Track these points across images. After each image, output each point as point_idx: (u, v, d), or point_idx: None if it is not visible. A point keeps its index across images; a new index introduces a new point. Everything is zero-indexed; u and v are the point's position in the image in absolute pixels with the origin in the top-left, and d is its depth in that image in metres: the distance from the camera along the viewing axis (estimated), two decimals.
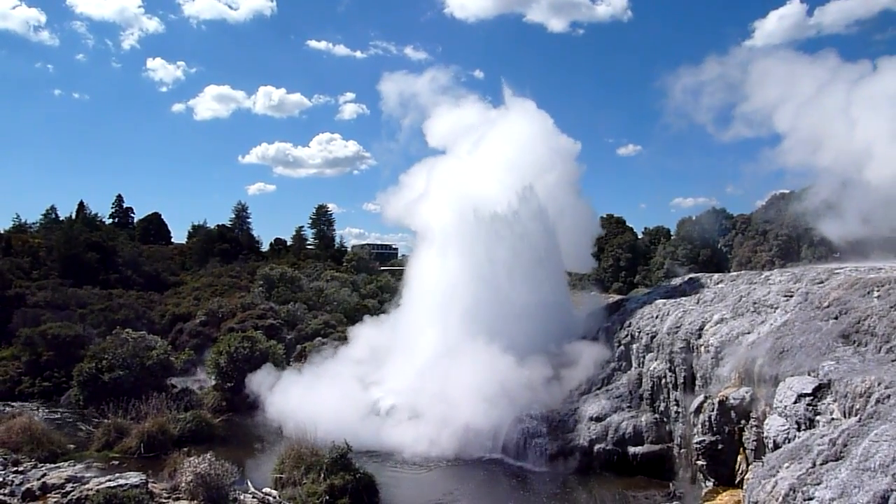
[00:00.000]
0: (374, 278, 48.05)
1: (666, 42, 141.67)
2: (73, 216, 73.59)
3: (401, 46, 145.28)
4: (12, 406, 24.66)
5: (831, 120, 19.37)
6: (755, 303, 15.70)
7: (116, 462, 17.33)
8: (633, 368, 18.62)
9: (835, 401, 10.01)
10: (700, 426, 13.54)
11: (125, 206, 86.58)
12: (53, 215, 74.65)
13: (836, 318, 12.43)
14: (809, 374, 10.96)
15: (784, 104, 20.99)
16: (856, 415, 9.19)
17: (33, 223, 71.98)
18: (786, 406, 10.71)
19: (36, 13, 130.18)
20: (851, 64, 21.02)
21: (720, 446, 13.10)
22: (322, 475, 14.31)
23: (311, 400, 20.33)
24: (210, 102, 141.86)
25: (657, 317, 18.32)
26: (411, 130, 30.03)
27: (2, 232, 58.24)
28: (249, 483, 14.78)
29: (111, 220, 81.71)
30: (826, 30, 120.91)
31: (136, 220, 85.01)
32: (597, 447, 17.34)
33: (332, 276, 48.01)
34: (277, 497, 14.26)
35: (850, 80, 19.85)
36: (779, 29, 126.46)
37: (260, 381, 23.17)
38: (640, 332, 18.54)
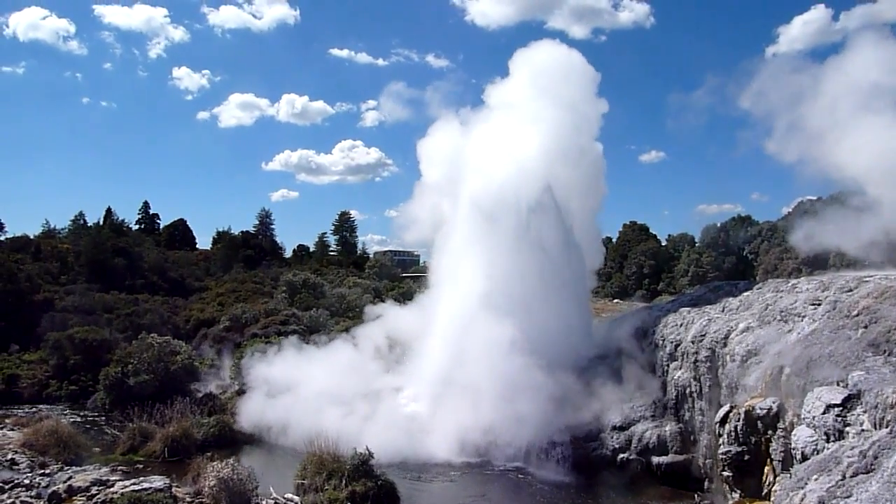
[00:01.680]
0: (397, 285, 48.11)
1: (689, 48, 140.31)
2: (101, 222, 74.73)
3: (422, 54, 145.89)
4: (40, 409, 25.06)
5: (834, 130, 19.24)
6: (782, 311, 15.44)
7: (141, 466, 17.52)
8: (657, 377, 18.41)
9: (865, 412, 9.81)
10: (726, 436, 13.33)
11: (151, 212, 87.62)
12: (82, 221, 75.81)
13: (866, 327, 12.18)
14: (839, 385, 10.76)
15: (797, 114, 20.76)
16: (887, 426, 8.99)
17: (62, 229, 73.11)
18: (814, 417, 10.52)
19: (66, 24, 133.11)
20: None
21: (746, 457, 12.88)
22: (344, 482, 14.33)
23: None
24: (234, 110, 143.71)
25: (681, 325, 18.10)
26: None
27: (31, 237, 59.30)
28: (272, 488, 14.83)
29: (138, 226, 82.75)
30: (852, 34, 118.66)
31: (161, 226, 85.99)
32: (620, 457, 17.16)
33: (355, 282, 48.17)
34: (299, 503, 14.30)
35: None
36: (803, 34, 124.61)
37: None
38: (664, 341, 18.33)
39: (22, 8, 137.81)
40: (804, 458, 10.30)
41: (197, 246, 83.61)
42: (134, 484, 13.38)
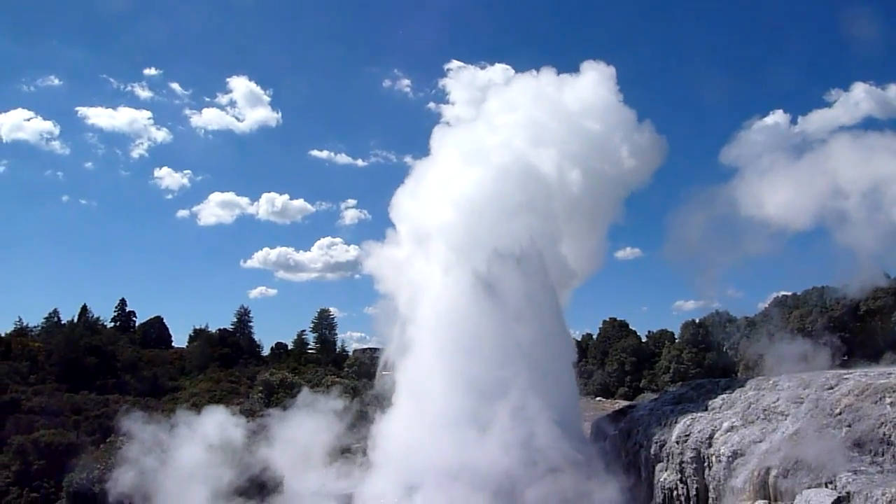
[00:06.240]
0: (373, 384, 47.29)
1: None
2: (76, 320, 73.41)
3: (401, 155, 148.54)
4: None
5: None
6: (765, 410, 15.37)
7: None
8: (642, 479, 17.97)
9: None
10: None
11: (128, 309, 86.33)
12: (55, 318, 74.23)
13: (850, 425, 12.15)
14: (827, 486, 10.62)
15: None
16: None
17: (35, 326, 71.57)
18: None
19: (50, 126, 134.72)
20: None
21: None
22: None
23: None
24: (214, 208, 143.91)
25: (665, 425, 17.86)
26: None
27: (2, 335, 57.90)
28: None
29: (113, 324, 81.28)
30: (810, 137, 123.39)
31: (137, 324, 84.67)
32: None
33: (333, 381, 47.26)
34: None
35: None
36: (763, 137, 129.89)
37: None
38: (648, 441, 18.02)
39: (8, 110, 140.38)
40: None
41: (173, 343, 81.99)
42: None
